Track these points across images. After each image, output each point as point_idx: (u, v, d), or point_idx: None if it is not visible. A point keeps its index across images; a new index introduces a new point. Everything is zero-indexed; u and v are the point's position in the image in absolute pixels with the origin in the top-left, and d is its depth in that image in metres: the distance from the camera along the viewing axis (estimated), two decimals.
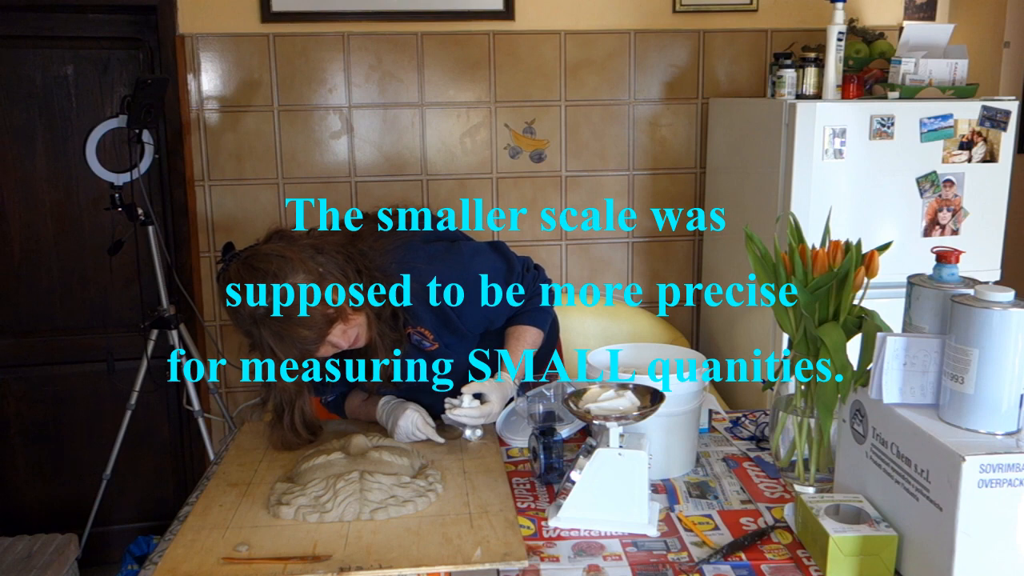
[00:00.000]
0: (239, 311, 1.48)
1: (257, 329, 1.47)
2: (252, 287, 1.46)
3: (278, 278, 1.47)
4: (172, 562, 1.26)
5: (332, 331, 1.52)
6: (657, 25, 3.06)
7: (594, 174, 3.15)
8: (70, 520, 3.01)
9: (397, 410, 1.69)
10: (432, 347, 1.73)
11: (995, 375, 1.09)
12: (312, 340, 1.48)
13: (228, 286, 1.48)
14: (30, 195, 2.97)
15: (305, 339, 1.47)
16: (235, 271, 1.50)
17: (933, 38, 2.57)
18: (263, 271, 1.48)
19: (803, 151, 2.47)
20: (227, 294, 1.48)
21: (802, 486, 1.45)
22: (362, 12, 2.92)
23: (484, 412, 1.60)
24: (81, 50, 2.90)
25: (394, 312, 1.64)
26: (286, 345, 1.47)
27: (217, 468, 1.62)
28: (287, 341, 1.47)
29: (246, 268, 1.49)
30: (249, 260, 1.50)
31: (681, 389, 1.52)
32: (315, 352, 1.52)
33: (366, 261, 1.61)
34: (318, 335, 1.49)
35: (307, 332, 1.47)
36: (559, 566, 1.25)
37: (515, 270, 1.77)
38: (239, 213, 3.02)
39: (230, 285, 1.48)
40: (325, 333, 1.50)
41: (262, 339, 1.48)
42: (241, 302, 1.46)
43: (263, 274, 1.47)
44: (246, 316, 1.47)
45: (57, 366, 3.07)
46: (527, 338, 1.75)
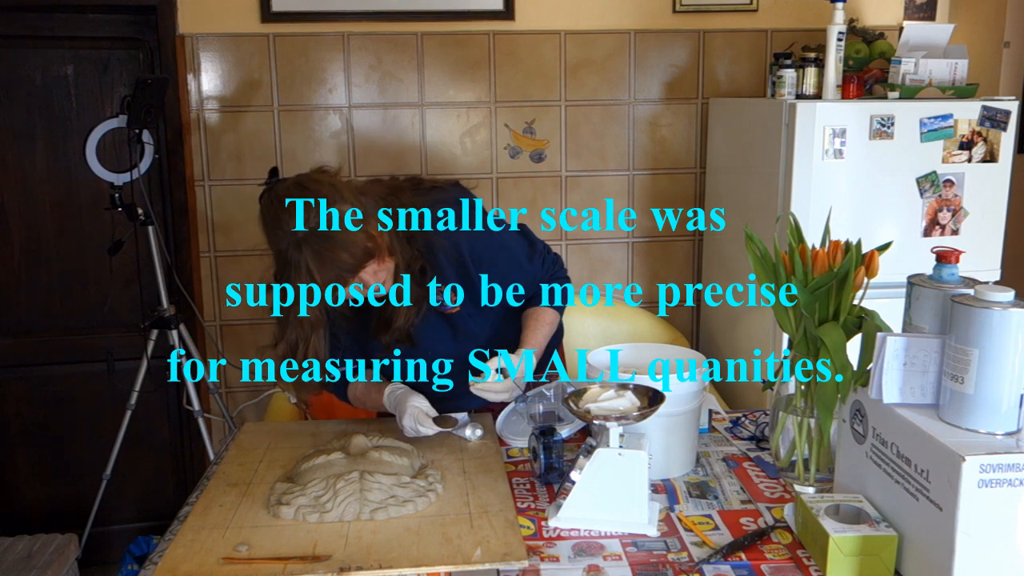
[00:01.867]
0: (281, 229, 1.49)
1: (297, 249, 1.48)
2: (303, 203, 1.48)
3: (328, 200, 1.50)
4: (172, 562, 1.26)
5: (368, 266, 1.52)
6: (657, 25, 3.06)
7: (594, 174, 3.15)
8: (70, 520, 3.01)
9: (402, 403, 1.67)
10: (453, 309, 1.73)
11: (995, 375, 1.09)
12: (349, 267, 1.49)
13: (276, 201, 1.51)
14: (30, 195, 2.97)
15: (343, 264, 1.48)
16: (284, 189, 1.52)
17: (933, 38, 2.57)
18: (314, 191, 1.51)
19: (803, 151, 2.47)
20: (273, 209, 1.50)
21: (802, 486, 1.45)
22: (362, 12, 2.92)
23: (507, 387, 1.60)
24: (81, 50, 2.90)
25: (423, 267, 1.66)
26: (324, 267, 1.47)
27: (217, 468, 1.62)
28: (326, 263, 1.47)
29: (296, 187, 1.52)
30: (300, 181, 1.54)
31: (681, 389, 1.52)
32: (348, 280, 1.51)
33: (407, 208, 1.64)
34: (356, 263, 1.50)
35: (347, 257, 1.48)
36: (559, 566, 1.25)
37: (537, 250, 1.82)
38: (239, 213, 3.02)
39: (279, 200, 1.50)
40: (362, 264, 1.51)
41: (299, 261, 1.48)
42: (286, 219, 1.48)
43: (313, 194, 1.50)
44: (288, 234, 1.48)
45: (57, 366, 3.07)
46: (546, 318, 1.78)
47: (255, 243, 3.25)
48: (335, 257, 1.47)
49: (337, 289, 1.53)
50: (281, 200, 1.50)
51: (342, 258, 1.48)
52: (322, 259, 1.47)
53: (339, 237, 1.47)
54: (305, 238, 1.47)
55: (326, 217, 1.47)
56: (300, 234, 1.47)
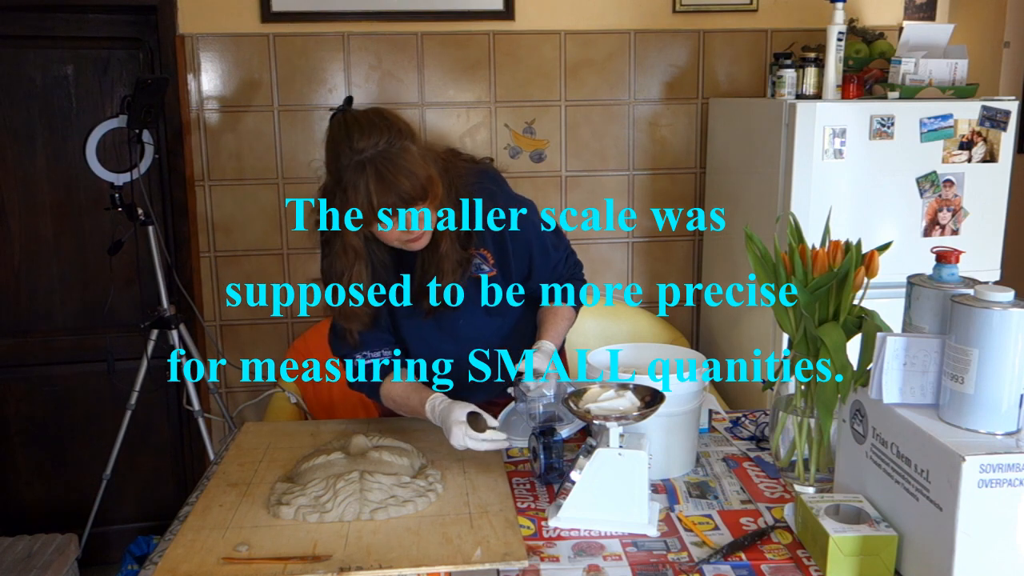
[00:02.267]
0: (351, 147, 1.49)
1: (360, 169, 1.48)
2: (380, 126, 1.50)
3: (401, 133, 1.52)
4: (172, 562, 1.26)
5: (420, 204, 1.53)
6: (657, 25, 3.06)
7: (594, 174, 3.15)
8: (70, 520, 3.01)
9: (447, 417, 1.59)
10: (491, 272, 1.74)
11: (995, 375, 1.09)
12: (407, 196, 1.49)
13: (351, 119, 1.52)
14: (30, 195, 2.97)
15: (402, 191, 1.48)
16: (362, 113, 1.54)
17: (933, 38, 2.57)
18: (392, 120, 1.53)
19: (803, 151, 2.47)
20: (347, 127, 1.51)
21: (802, 486, 1.45)
22: (362, 12, 2.92)
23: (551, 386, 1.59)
24: (81, 50, 2.90)
25: (467, 233, 1.68)
26: (383, 191, 1.47)
27: (217, 468, 1.62)
28: (386, 187, 1.47)
29: (375, 112, 1.55)
30: (379, 109, 1.57)
31: (681, 389, 1.52)
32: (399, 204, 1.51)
33: (455, 174, 1.65)
34: (413, 195, 1.50)
35: (407, 185, 1.48)
36: (559, 566, 1.25)
37: (563, 241, 1.85)
38: (239, 213, 3.02)
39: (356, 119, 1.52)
40: (418, 197, 1.51)
41: (358, 183, 1.48)
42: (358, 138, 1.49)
43: (389, 123, 1.52)
44: (356, 152, 1.49)
45: (57, 366, 3.07)
46: (564, 313, 1.79)
47: (255, 243, 3.26)
48: (396, 182, 1.48)
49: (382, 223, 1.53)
50: (358, 119, 1.52)
51: (403, 185, 1.48)
52: (383, 182, 1.47)
53: (404, 166, 1.49)
54: (372, 159, 1.48)
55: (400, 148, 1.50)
56: (369, 154, 1.48)
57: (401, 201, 1.49)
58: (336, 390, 2.83)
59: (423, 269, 1.68)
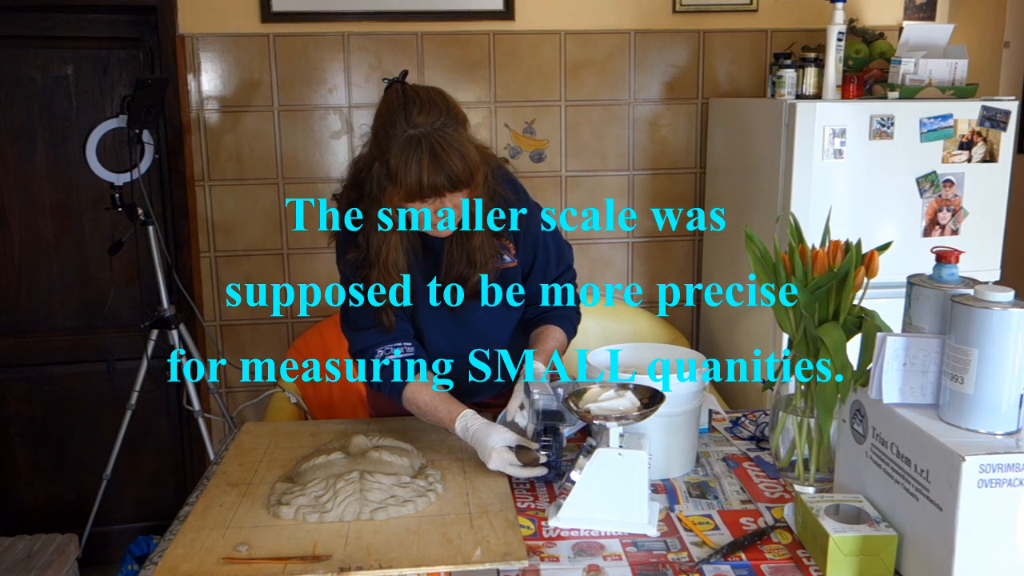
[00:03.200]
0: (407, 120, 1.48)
1: (415, 143, 1.47)
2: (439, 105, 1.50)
3: (457, 118, 1.52)
4: (172, 562, 1.26)
5: (463, 189, 1.53)
6: (657, 25, 3.06)
7: (594, 174, 3.16)
8: (70, 520, 3.01)
9: (482, 442, 1.55)
10: (512, 263, 1.74)
11: (995, 375, 1.09)
12: (456, 179, 1.49)
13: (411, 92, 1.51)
14: (30, 195, 2.97)
15: (454, 173, 1.48)
16: (423, 88, 1.54)
17: (933, 38, 2.57)
18: (449, 102, 1.53)
19: (803, 151, 2.47)
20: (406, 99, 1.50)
21: (802, 486, 1.45)
22: (362, 12, 2.92)
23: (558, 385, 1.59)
24: (81, 50, 2.90)
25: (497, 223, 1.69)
26: (435, 169, 1.47)
27: (217, 468, 1.62)
28: (439, 165, 1.47)
29: (435, 91, 1.54)
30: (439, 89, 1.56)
31: (681, 389, 1.52)
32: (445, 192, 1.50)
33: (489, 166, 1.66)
34: (461, 177, 1.49)
35: (460, 167, 1.48)
36: (559, 566, 1.25)
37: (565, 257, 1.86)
38: (239, 213, 3.02)
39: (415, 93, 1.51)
40: (465, 180, 1.51)
41: (409, 158, 1.47)
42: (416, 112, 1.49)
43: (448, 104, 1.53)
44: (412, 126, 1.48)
45: (57, 366, 3.07)
46: (556, 336, 1.77)
47: (255, 243, 3.26)
48: (449, 162, 1.47)
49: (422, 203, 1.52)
50: (418, 94, 1.51)
51: (455, 167, 1.47)
52: (436, 161, 1.46)
53: (457, 148, 1.48)
54: (428, 135, 1.47)
55: (453, 126, 1.50)
56: (424, 130, 1.47)
57: (449, 182, 1.48)
58: (336, 390, 2.83)
59: (450, 259, 1.67)
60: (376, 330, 1.68)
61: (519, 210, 1.72)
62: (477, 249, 1.65)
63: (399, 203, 1.53)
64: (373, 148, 1.55)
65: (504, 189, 1.69)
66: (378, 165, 1.52)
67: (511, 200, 1.71)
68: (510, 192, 1.71)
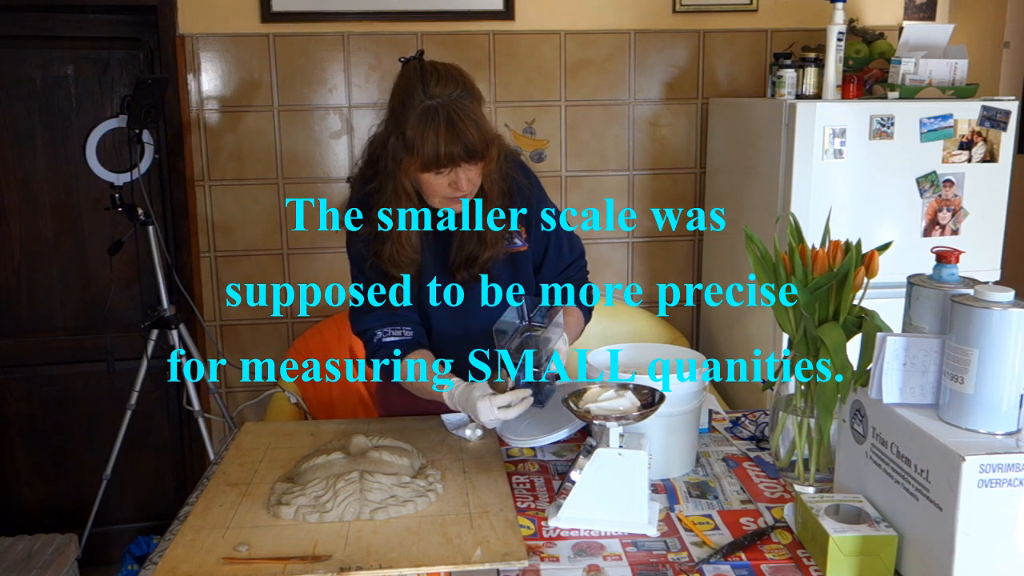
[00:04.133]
0: (425, 91, 1.51)
1: (432, 113, 1.49)
2: (456, 78, 1.54)
3: (473, 93, 1.55)
4: (172, 562, 1.26)
5: (476, 162, 1.55)
6: (657, 25, 3.06)
7: (594, 174, 3.15)
8: (70, 520, 3.01)
9: (468, 398, 1.57)
10: (523, 247, 1.76)
11: (995, 375, 1.09)
12: (472, 149, 1.51)
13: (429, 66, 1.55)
14: (30, 195, 2.97)
15: (470, 142, 1.50)
16: (440, 63, 1.57)
17: (933, 38, 2.57)
18: (466, 77, 1.57)
19: (803, 151, 2.47)
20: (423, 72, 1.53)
21: (802, 486, 1.45)
22: (362, 12, 2.92)
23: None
24: (81, 50, 2.90)
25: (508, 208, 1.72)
26: (452, 138, 1.49)
27: (217, 468, 1.62)
28: (455, 135, 1.49)
29: (452, 66, 1.57)
30: (456, 65, 1.59)
31: (681, 389, 1.52)
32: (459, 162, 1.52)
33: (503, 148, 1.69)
34: (477, 149, 1.52)
35: (476, 137, 1.50)
36: (559, 566, 1.25)
37: (577, 246, 1.87)
38: (239, 213, 3.02)
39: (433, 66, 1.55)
40: (479, 151, 1.53)
41: (426, 128, 1.49)
42: (434, 84, 1.51)
43: (465, 78, 1.56)
44: (428, 97, 1.50)
45: (57, 366, 3.07)
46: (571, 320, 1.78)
47: (255, 243, 3.26)
48: (465, 129, 1.49)
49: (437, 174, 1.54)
50: (436, 67, 1.54)
51: (471, 136, 1.50)
52: (453, 130, 1.49)
53: (474, 119, 1.51)
54: (445, 104, 1.50)
55: (469, 99, 1.53)
56: (441, 101, 1.50)
57: (465, 152, 1.50)
58: (336, 390, 2.83)
59: (461, 238, 1.68)
60: (381, 311, 1.69)
61: (530, 193, 1.74)
62: (488, 227, 1.66)
63: (414, 173, 1.55)
64: (389, 123, 1.57)
65: (516, 172, 1.72)
66: (394, 139, 1.55)
67: (523, 184, 1.73)
68: (522, 176, 1.74)
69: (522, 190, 1.74)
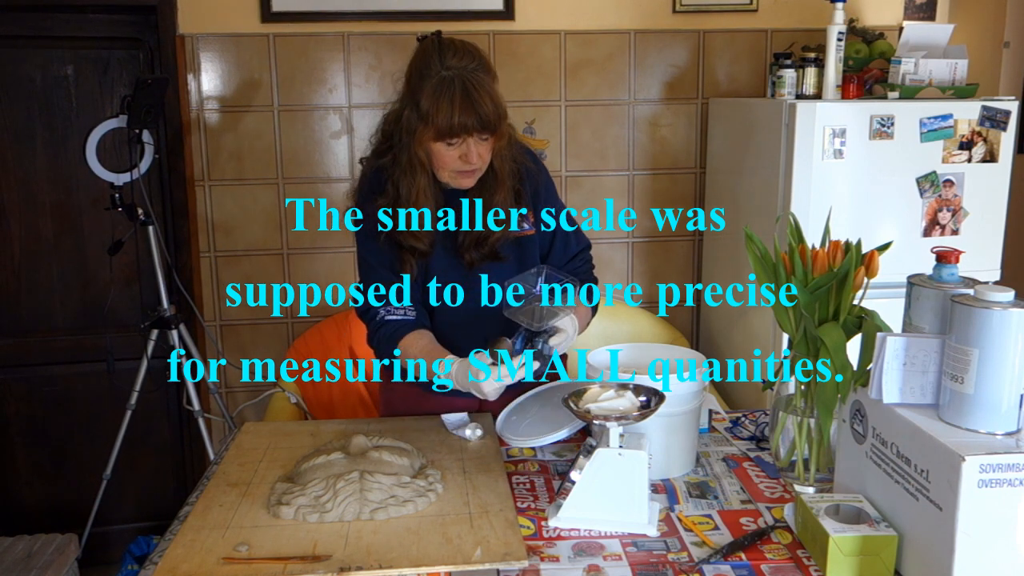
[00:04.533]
0: (441, 62, 1.54)
1: (448, 82, 1.52)
2: (472, 52, 1.58)
3: (488, 68, 1.59)
4: (172, 562, 1.26)
5: (488, 135, 1.59)
6: (657, 25, 3.06)
7: (594, 174, 3.15)
8: (70, 520, 3.01)
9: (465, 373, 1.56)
10: (530, 231, 1.79)
11: (995, 375, 1.09)
12: (486, 119, 1.55)
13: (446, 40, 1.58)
14: (30, 195, 2.97)
15: (484, 113, 1.54)
16: (457, 39, 1.60)
17: (933, 38, 2.57)
18: (482, 53, 1.61)
19: (803, 151, 2.47)
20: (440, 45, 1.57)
21: (802, 486, 1.45)
22: (362, 12, 2.92)
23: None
24: (81, 50, 2.90)
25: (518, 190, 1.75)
26: (467, 108, 1.52)
27: (217, 468, 1.62)
28: (470, 104, 1.53)
29: (469, 43, 1.61)
30: (472, 43, 1.62)
31: (681, 389, 1.52)
32: (472, 132, 1.55)
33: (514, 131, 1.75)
34: (491, 120, 1.56)
35: (490, 108, 1.54)
36: (559, 566, 1.25)
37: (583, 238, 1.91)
38: (239, 213, 3.02)
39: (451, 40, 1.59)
40: (492, 123, 1.57)
41: (440, 97, 1.52)
42: (451, 55, 1.55)
43: (481, 54, 1.60)
44: (445, 68, 1.53)
45: (57, 366, 3.07)
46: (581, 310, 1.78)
47: (255, 243, 3.26)
48: (479, 99, 1.53)
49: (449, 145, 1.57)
50: (453, 42, 1.58)
51: (486, 107, 1.53)
52: (468, 99, 1.52)
53: (489, 90, 1.55)
54: (461, 75, 1.53)
55: (484, 72, 1.57)
56: (459, 71, 1.53)
57: (479, 122, 1.53)
58: (336, 390, 2.83)
59: (471, 215, 1.70)
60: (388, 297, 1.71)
61: (538, 176, 1.78)
62: (499, 206, 1.69)
63: (428, 143, 1.57)
64: (405, 96, 1.60)
65: (525, 157, 1.75)
66: (408, 111, 1.58)
67: (531, 168, 1.76)
68: (531, 161, 1.77)
69: (531, 174, 1.77)
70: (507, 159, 1.69)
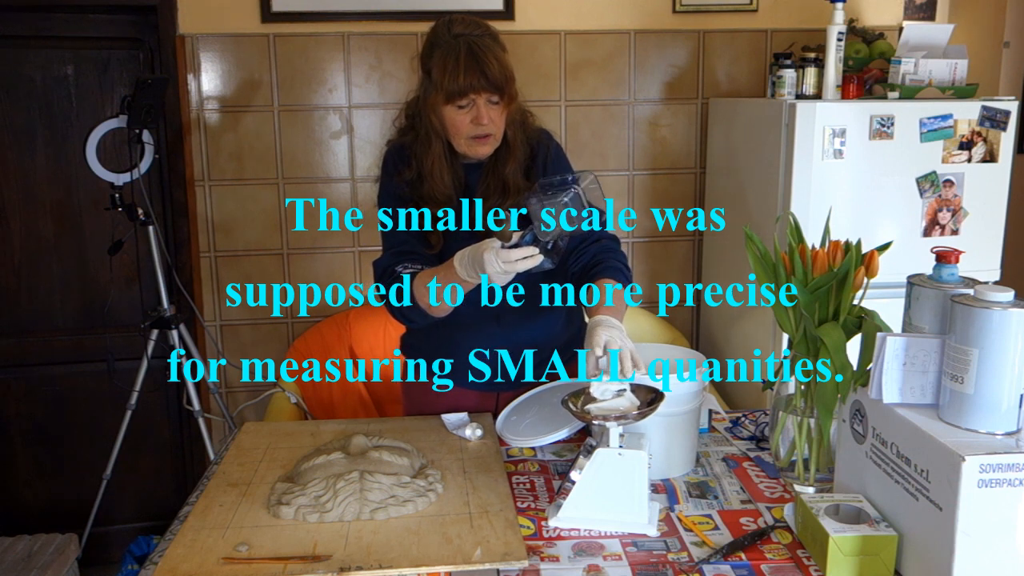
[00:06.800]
0: (448, 29, 1.60)
1: (453, 47, 1.57)
2: (482, 24, 1.64)
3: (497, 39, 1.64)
4: (172, 562, 1.27)
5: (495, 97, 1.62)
6: (657, 25, 3.06)
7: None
8: (70, 520, 3.01)
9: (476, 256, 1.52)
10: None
11: (995, 375, 1.09)
12: (493, 80, 1.58)
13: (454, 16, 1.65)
14: (30, 195, 2.97)
15: (490, 73, 1.58)
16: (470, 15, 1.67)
17: (933, 38, 2.57)
18: (492, 27, 1.66)
19: (803, 151, 2.47)
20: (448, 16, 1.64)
21: (802, 486, 1.45)
22: (362, 12, 2.92)
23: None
24: (81, 50, 2.90)
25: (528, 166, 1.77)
26: (472, 67, 1.57)
27: (217, 468, 1.62)
28: (476, 64, 1.57)
29: (479, 18, 1.67)
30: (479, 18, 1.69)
31: (681, 389, 1.52)
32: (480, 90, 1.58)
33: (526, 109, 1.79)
34: (498, 81, 1.59)
35: (496, 68, 1.58)
36: (559, 566, 1.25)
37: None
38: (239, 213, 3.02)
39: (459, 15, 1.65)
40: (497, 85, 1.60)
41: (447, 56, 1.57)
42: (459, 22, 1.61)
43: (491, 27, 1.66)
44: (452, 36, 1.59)
45: (57, 366, 3.07)
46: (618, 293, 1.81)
47: (255, 243, 3.26)
48: (486, 60, 1.57)
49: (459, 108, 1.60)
50: (463, 16, 1.65)
51: (492, 67, 1.58)
52: (473, 59, 1.57)
53: (496, 52, 1.60)
54: (467, 38, 1.59)
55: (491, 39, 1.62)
56: (464, 36, 1.59)
57: (485, 81, 1.57)
58: (336, 390, 2.83)
59: (485, 189, 1.71)
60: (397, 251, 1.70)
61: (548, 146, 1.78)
62: (511, 175, 1.70)
63: (440, 108, 1.62)
64: (420, 70, 1.67)
65: (534, 132, 1.77)
66: (423, 85, 1.65)
67: (543, 140, 1.78)
68: (545, 137, 1.79)
69: (542, 145, 1.79)
70: (519, 130, 1.72)
